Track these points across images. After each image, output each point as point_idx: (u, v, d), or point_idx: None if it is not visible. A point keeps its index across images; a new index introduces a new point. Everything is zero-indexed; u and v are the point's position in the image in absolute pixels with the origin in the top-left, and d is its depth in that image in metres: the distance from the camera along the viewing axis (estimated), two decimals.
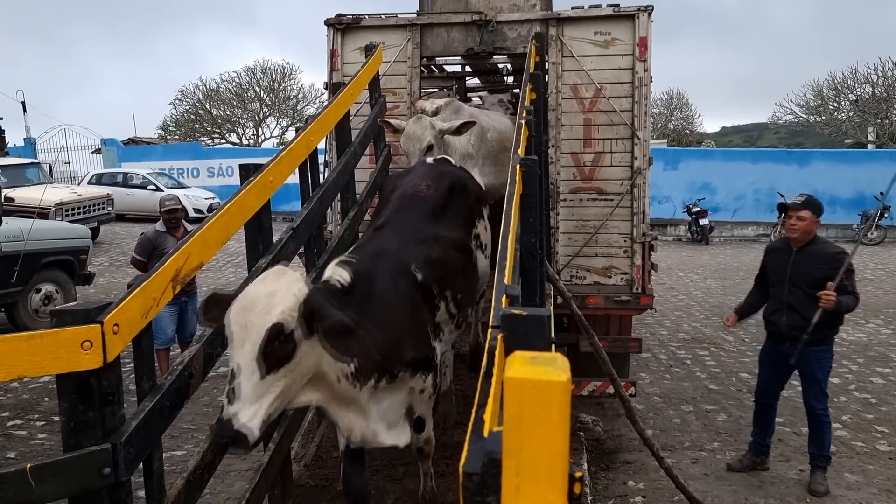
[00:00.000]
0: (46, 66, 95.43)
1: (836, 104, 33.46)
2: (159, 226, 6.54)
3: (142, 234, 6.64)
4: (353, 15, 5.99)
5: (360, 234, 4.58)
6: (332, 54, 5.96)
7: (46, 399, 6.63)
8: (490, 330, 1.61)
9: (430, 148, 4.40)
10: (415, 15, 6.07)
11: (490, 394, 1.25)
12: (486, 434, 1.06)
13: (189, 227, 6.66)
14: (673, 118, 40.71)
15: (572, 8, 5.80)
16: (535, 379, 0.82)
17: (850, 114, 32.71)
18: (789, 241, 4.94)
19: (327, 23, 5.98)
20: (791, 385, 5.28)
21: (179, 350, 6.33)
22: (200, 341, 2.49)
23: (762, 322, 5.23)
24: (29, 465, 1.83)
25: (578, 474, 0.94)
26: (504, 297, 1.79)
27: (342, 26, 5.94)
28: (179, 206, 6.61)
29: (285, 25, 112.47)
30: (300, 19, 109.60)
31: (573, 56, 5.66)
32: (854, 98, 32.31)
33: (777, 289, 4.95)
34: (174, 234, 6.41)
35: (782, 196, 17.95)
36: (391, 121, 4.77)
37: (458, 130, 4.49)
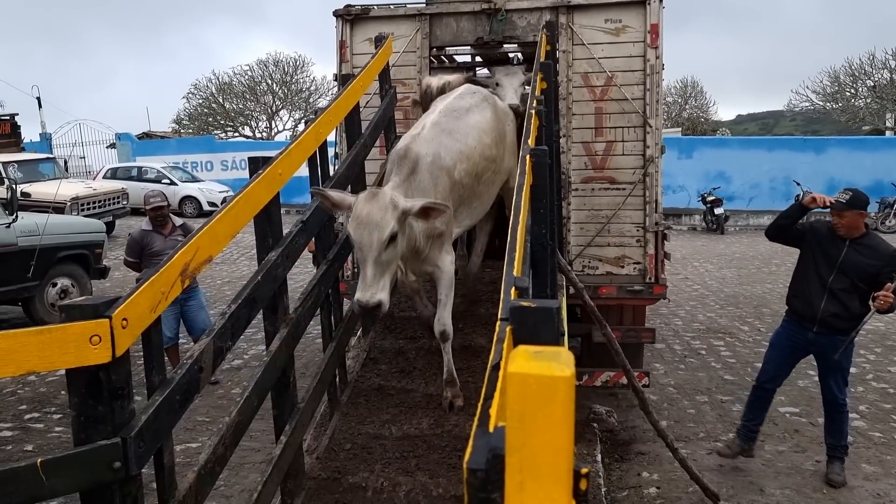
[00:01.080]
0: (59, 62, 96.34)
1: (853, 90, 33.03)
2: (145, 224, 6.41)
3: (129, 235, 6.56)
4: (361, 6, 5.97)
5: None
6: (342, 45, 5.94)
7: (63, 392, 6.69)
8: (498, 322, 1.59)
9: (393, 238, 3.24)
10: (424, 5, 6.04)
11: (497, 387, 1.23)
12: (491, 429, 1.04)
13: (178, 220, 6.51)
14: (687, 106, 40.35)
15: None
16: (537, 374, 0.80)
17: (868, 100, 32.28)
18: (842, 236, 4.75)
19: (336, 14, 5.96)
20: (807, 375, 5.22)
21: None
22: (210, 335, 2.49)
23: (777, 313, 5.17)
24: (39, 460, 1.83)
25: (584, 470, 0.92)
26: (513, 288, 1.77)
27: (351, 17, 5.92)
28: (165, 203, 6.46)
29: (294, 18, 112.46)
30: (308, 12, 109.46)
31: (584, 44, 5.60)
32: (871, 84, 31.88)
33: (821, 273, 4.76)
34: (161, 231, 6.31)
35: (798, 184, 17.80)
36: (330, 193, 3.44)
37: (423, 214, 3.33)
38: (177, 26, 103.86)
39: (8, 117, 19.03)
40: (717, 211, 18.54)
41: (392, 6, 6.05)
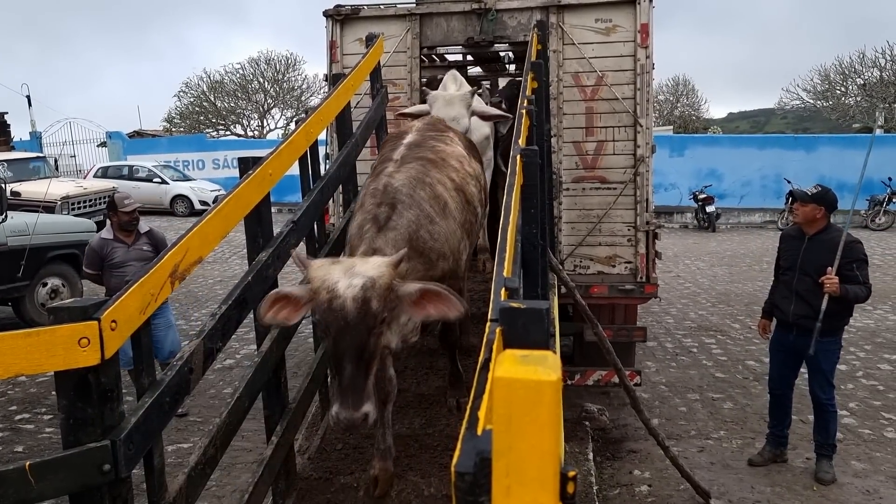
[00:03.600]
0: (46, 61, 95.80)
1: (843, 89, 33.18)
2: (105, 233, 5.76)
3: (87, 244, 5.95)
4: (351, 6, 5.96)
5: None
6: (332, 46, 5.93)
7: (54, 393, 6.64)
8: (488, 323, 1.60)
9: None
10: (414, 4, 6.03)
11: (486, 388, 1.23)
12: (479, 432, 1.04)
13: (144, 227, 5.77)
14: (679, 105, 40.44)
15: None
16: (524, 379, 0.80)
17: (858, 98, 32.43)
18: (801, 228, 4.91)
19: (326, 14, 5.96)
20: (799, 374, 5.26)
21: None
22: (200, 335, 2.48)
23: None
24: (28, 463, 1.82)
25: (572, 473, 0.93)
26: (503, 289, 1.77)
27: (341, 17, 5.91)
28: (137, 205, 5.78)
29: (276, 18, 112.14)
30: (291, 12, 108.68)
31: (574, 44, 5.62)
32: (862, 82, 32.03)
33: (788, 276, 4.90)
34: (124, 240, 5.65)
35: (789, 182, 17.87)
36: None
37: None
38: (161, 25, 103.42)
39: None
40: (709, 209, 18.60)
41: (382, 6, 6.05)
